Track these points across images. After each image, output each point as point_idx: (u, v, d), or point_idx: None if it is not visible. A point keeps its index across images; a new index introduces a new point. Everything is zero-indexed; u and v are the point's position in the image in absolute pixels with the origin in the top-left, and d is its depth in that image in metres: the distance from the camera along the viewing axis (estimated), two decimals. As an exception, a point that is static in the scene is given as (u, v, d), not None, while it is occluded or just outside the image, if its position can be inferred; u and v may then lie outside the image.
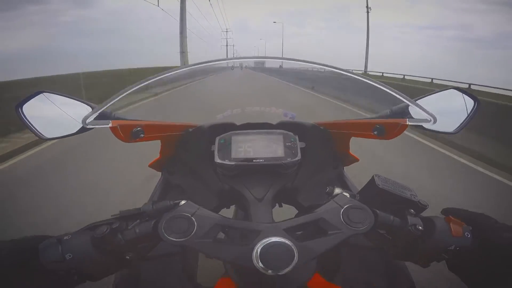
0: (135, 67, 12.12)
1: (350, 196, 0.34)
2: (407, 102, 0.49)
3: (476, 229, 0.34)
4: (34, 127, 0.52)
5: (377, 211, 0.34)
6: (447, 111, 0.58)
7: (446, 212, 0.37)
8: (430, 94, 0.59)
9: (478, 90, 9.67)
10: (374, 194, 0.34)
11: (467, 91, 0.59)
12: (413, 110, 0.57)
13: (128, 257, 0.34)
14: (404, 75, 13.77)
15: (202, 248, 0.32)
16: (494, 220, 0.35)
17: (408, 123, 0.50)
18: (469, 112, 0.57)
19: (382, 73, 15.42)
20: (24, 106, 0.54)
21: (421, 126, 0.52)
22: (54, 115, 0.53)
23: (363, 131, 0.54)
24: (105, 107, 0.47)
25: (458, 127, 0.56)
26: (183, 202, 0.35)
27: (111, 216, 0.35)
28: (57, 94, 0.54)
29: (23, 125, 0.53)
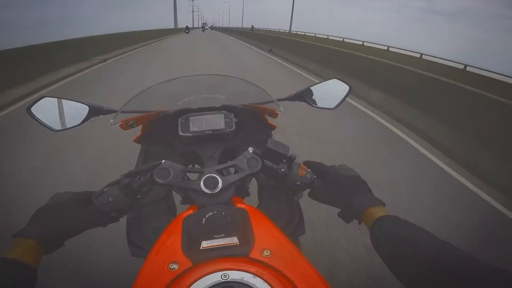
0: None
1: (253, 152, 0.60)
2: (275, 101, 0.81)
3: (316, 173, 0.62)
4: (44, 123, 0.73)
5: (264, 160, 0.59)
6: (331, 94, 0.87)
7: (305, 163, 0.64)
8: (322, 82, 0.87)
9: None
10: (267, 150, 0.60)
11: (344, 81, 0.88)
12: (315, 93, 0.87)
13: (138, 196, 0.56)
14: (388, 47, 13.67)
15: (176, 184, 0.54)
16: (329, 166, 0.62)
17: (277, 112, 0.81)
18: (345, 94, 0.88)
19: (363, 42, 15.48)
20: (32, 108, 0.74)
21: (308, 102, 0.83)
22: (57, 113, 0.74)
23: (265, 112, 0.83)
24: (118, 112, 0.72)
25: (336, 104, 0.86)
26: (163, 161, 0.56)
27: (121, 176, 0.56)
28: (55, 97, 0.74)
29: (37, 122, 0.73)
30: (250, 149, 0.61)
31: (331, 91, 0.88)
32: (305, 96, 0.86)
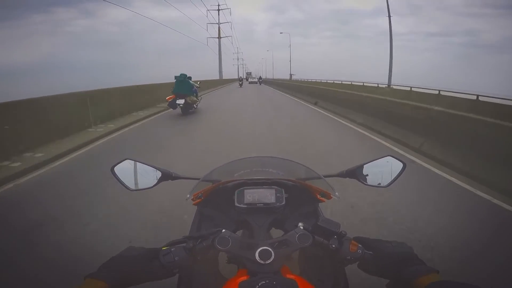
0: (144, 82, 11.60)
1: (303, 228, 0.64)
2: (322, 178, 0.85)
3: (367, 247, 0.64)
4: (123, 182, 0.85)
5: (315, 236, 0.62)
6: (384, 171, 0.88)
7: (356, 238, 0.66)
8: (375, 160, 0.89)
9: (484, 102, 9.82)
10: (318, 227, 0.64)
11: (398, 158, 0.89)
12: (367, 170, 0.88)
13: (199, 258, 0.62)
14: (411, 87, 13.98)
15: (234, 252, 0.60)
16: (380, 241, 0.64)
17: (331, 196, 0.84)
18: (399, 171, 0.87)
19: (439, 91, 15.04)
20: (115, 167, 0.87)
21: (359, 179, 0.85)
22: (135, 175, 0.86)
23: (317, 192, 0.86)
24: (192, 192, 0.83)
25: (389, 182, 0.86)
26: (223, 230, 0.62)
27: (183, 237, 0.64)
28: (136, 160, 0.87)
29: (117, 181, 0.86)
30: (301, 225, 0.65)
31: (384, 168, 0.88)
32: (356, 173, 0.88)
